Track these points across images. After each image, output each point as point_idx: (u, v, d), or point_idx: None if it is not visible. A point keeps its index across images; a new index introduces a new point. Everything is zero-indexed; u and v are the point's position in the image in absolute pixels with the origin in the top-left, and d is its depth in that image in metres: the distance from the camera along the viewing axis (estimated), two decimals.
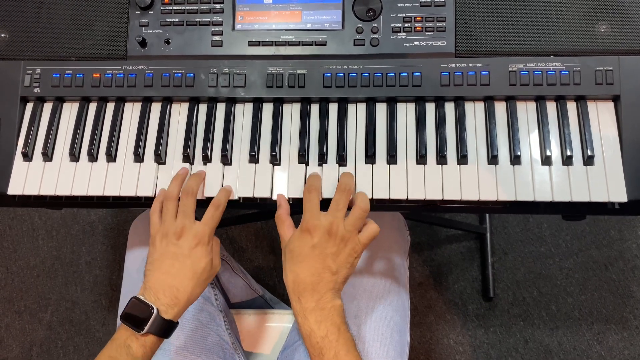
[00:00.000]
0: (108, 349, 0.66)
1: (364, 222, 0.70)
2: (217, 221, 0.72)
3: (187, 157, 0.77)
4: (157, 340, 0.68)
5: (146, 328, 0.66)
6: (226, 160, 0.76)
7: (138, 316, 0.66)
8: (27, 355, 1.52)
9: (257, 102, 0.78)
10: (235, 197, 0.75)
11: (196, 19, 0.79)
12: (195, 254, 0.69)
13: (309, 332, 0.67)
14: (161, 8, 0.80)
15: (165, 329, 0.67)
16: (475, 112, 0.75)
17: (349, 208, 0.71)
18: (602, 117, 0.73)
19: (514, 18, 0.75)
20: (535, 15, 0.75)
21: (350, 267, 0.69)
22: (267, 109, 0.78)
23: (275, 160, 0.75)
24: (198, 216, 0.73)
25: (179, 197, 0.73)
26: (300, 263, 0.68)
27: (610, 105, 0.74)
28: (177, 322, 0.70)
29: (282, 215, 0.72)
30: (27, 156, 0.78)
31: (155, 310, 0.66)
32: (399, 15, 0.77)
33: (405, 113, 0.76)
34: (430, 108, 0.76)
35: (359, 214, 0.70)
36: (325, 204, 0.74)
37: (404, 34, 0.77)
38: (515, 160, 0.72)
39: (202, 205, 0.76)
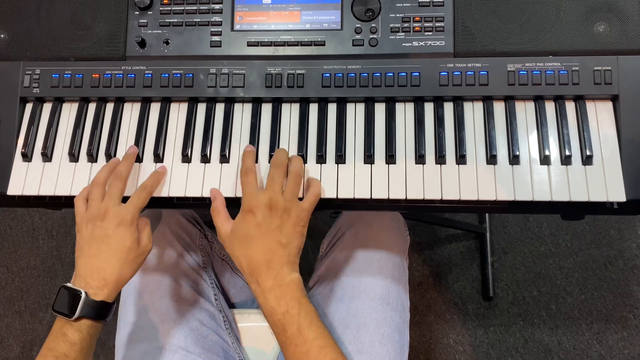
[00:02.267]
0: (47, 342, 0.67)
1: (300, 186, 0.71)
2: (143, 202, 0.72)
3: (186, 157, 0.77)
4: (94, 323, 0.68)
5: (77, 312, 0.66)
6: (225, 160, 0.76)
7: (69, 303, 0.66)
8: (28, 354, 1.52)
9: (256, 102, 0.78)
10: (234, 196, 0.75)
11: (195, 20, 0.79)
12: (119, 233, 0.69)
13: (270, 310, 0.67)
14: (160, 9, 0.80)
15: (98, 310, 0.67)
16: (474, 112, 0.75)
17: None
18: (601, 117, 0.73)
19: (513, 18, 0.75)
20: (533, 15, 0.75)
21: (300, 236, 0.70)
22: (266, 109, 0.78)
23: None
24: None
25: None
26: (250, 245, 0.68)
27: (608, 105, 0.74)
28: (113, 302, 0.70)
29: (218, 207, 0.72)
30: (27, 156, 0.79)
31: (83, 294, 0.66)
32: (397, 15, 0.77)
33: (404, 113, 0.76)
34: (429, 108, 0.76)
35: (294, 180, 0.70)
36: (325, 204, 0.74)
37: (403, 34, 0.77)
38: (514, 160, 0.72)
39: (204, 206, 0.76)
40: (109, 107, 0.81)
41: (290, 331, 0.66)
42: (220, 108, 0.79)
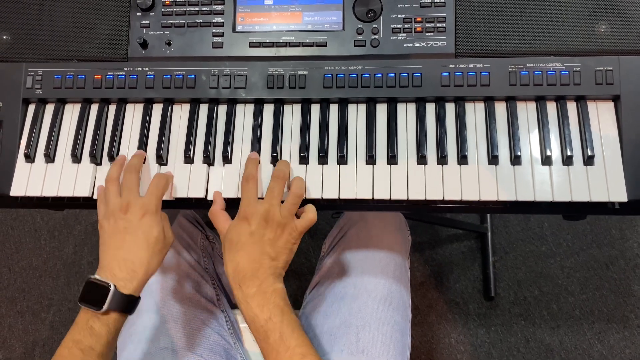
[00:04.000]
0: (71, 333, 0.66)
1: (297, 207, 0.71)
2: (163, 191, 0.72)
3: (189, 158, 0.77)
4: (120, 316, 0.67)
5: (106, 305, 0.65)
6: (227, 161, 0.77)
7: (96, 296, 0.65)
8: (30, 355, 1.52)
9: (258, 103, 0.79)
10: (236, 196, 0.75)
11: (197, 21, 0.80)
12: (146, 223, 0.69)
13: (253, 317, 0.67)
14: (162, 10, 0.80)
15: (127, 304, 0.67)
16: (475, 112, 0.76)
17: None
18: (602, 117, 0.74)
19: (514, 18, 0.75)
20: (535, 16, 0.75)
21: (289, 252, 0.70)
22: (268, 110, 0.78)
23: (276, 161, 0.76)
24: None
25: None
26: (240, 251, 0.68)
27: (610, 105, 0.74)
28: (139, 297, 0.69)
29: (216, 211, 0.73)
30: (30, 157, 0.79)
31: (112, 287, 0.65)
32: (399, 16, 0.77)
33: (406, 113, 0.77)
34: (430, 108, 0.76)
35: (293, 200, 0.70)
36: (327, 205, 0.74)
37: (404, 34, 0.77)
38: (516, 160, 0.72)
39: (206, 207, 0.76)
40: (112, 108, 0.81)
41: (272, 338, 0.66)
42: (222, 109, 0.79)
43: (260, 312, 0.66)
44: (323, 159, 0.75)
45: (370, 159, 0.74)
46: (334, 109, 0.78)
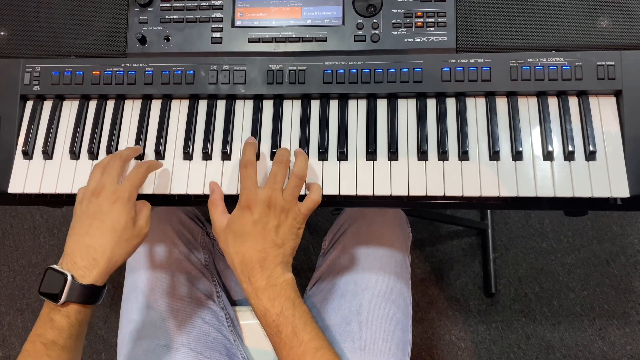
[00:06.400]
0: (35, 327, 0.64)
1: (300, 189, 0.70)
2: (141, 179, 0.70)
3: (188, 154, 0.77)
4: (82, 307, 0.64)
5: (63, 297, 0.62)
6: (227, 157, 0.76)
7: (55, 287, 0.62)
8: None
9: (258, 99, 0.78)
10: (235, 193, 0.75)
11: (196, 16, 0.79)
12: (114, 210, 0.66)
13: (264, 311, 0.65)
14: (160, 5, 0.80)
15: (87, 294, 0.63)
16: (476, 107, 0.75)
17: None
18: (604, 113, 0.73)
19: (515, 13, 0.74)
20: (536, 10, 0.74)
21: (295, 237, 0.69)
22: (268, 106, 0.78)
23: None
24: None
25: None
26: (244, 242, 0.67)
27: (612, 100, 0.74)
28: (104, 286, 0.66)
29: (216, 200, 0.71)
30: (28, 154, 0.78)
31: (70, 277, 0.62)
32: (399, 10, 0.77)
33: (406, 109, 0.76)
34: (431, 104, 0.76)
35: (295, 183, 0.69)
36: (327, 201, 0.74)
37: (405, 29, 0.76)
38: (517, 156, 0.72)
39: (206, 204, 0.76)
40: (110, 105, 0.80)
41: (284, 332, 0.64)
42: (221, 105, 0.79)
43: (272, 307, 0.65)
44: (323, 155, 0.75)
45: (371, 155, 0.74)
46: (334, 105, 0.77)
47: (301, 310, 0.66)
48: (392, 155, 0.74)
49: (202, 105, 0.79)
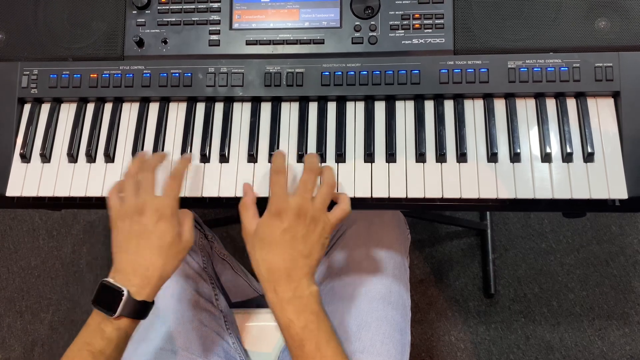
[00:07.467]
0: (82, 335, 0.65)
1: (331, 198, 0.69)
2: (177, 191, 0.70)
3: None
4: (132, 322, 0.66)
5: (118, 311, 0.64)
6: (224, 159, 0.76)
7: (109, 300, 0.64)
8: (29, 355, 1.52)
9: (255, 102, 0.78)
10: (233, 195, 0.75)
11: (193, 18, 0.79)
12: (159, 229, 0.67)
13: (288, 322, 0.65)
14: (158, 7, 0.80)
15: (139, 310, 0.66)
16: (474, 109, 0.75)
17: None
18: (602, 114, 0.73)
19: (513, 14, 0.74)
20: (534, 12, 0.74)
21: (321, 247, 0.68)
22: (266, 108, 0.78)
23: None
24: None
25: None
26: (272, 250, 0.66)
27: (610, 101, 0.73)
28: (153, 302, 0.68)
29: (248, 203, 0.70)
30: (25, 157, 0.78)
31: (125, 293, 0.64)
32: (397, 12, 0.76)
33: (404, 111, 0.76)
34: (429, 106, 0.76)
35: (327, 191, 0.68)
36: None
37: (402, 31, 0.76)
38: (515, 157, 0.72)
39: (205, 206, 0.76)
40: (108, 107, 0.80)
41: (308, 347, 0.64)
42: (219, 107, 0.79)
43: (297, 319, 0.64)
44: (321, 158, 0.75)
45: (369, 157, 0.74)
46: (331, 107, 0.77)
47: (325, 324, 0.66)
48: (390, 157, 0.74)
49: (200, 107, 0.79)
